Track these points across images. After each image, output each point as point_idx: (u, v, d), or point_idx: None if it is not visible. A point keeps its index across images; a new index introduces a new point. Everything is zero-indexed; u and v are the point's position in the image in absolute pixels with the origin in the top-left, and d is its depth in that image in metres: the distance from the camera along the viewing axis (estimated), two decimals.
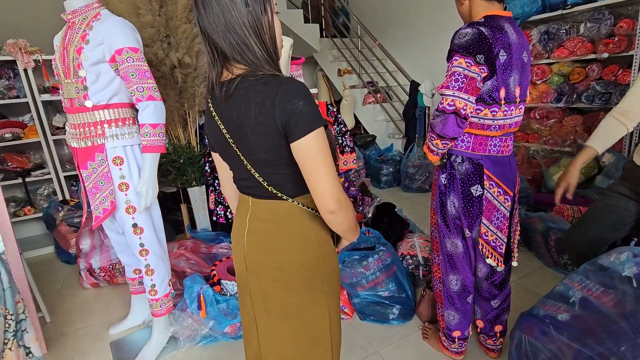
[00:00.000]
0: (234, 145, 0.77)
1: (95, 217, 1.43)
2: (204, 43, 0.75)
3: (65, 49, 1.33)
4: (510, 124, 1.22)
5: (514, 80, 1.16)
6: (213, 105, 0.78)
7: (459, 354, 1.49)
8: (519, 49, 1.15)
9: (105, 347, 1.71)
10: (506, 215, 1.26)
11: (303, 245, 0.82)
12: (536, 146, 3.03)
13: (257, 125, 0.72)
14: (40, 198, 2.94)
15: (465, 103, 1.10)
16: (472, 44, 1.08)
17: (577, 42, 2.64)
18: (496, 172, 1.23)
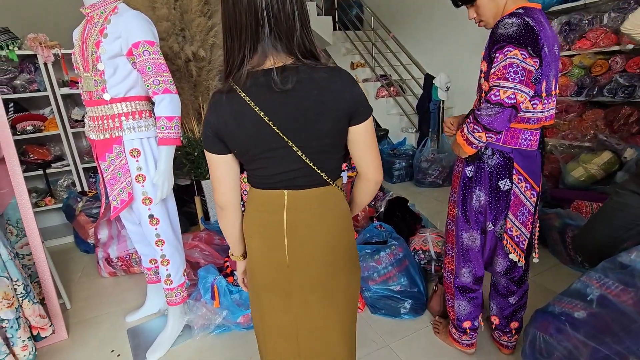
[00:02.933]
0: (285, 137, 0.75)
1: (113, 207, 1.46)
2: (246, 23, 0.71)
3: (84, 42, 1.36)
4: (546, 117, 1.20)
5: (553, 72, 1.15)
6: (253, 98, 0.73)
7: (470, 346, 1.48)
8: (553, 42, 1.13)
9: (123, 334, 1.77)
10: (531, 210, 1.24)
11: (347, 224, 0.87)
12: (554, 141, 2.95)
13: (327, 110, 0.74)
14: (60, 189, 3.03)
15: (525, 97, 1.05)
16: (522, 35, 1.03)
17: (600, 33, 2.55)
18: (525, 167, 1.21)
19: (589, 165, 2.45)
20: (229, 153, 0.80)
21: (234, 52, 0.74)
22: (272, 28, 0.71)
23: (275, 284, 0.85)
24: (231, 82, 0.75)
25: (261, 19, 0.70)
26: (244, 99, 0.73)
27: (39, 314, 1.51)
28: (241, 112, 0.74)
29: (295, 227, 0.81)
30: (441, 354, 1.52)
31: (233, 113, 0.75)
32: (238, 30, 0.72)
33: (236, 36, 0.72)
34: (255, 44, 0.72)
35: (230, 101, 0.74)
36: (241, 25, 0.71)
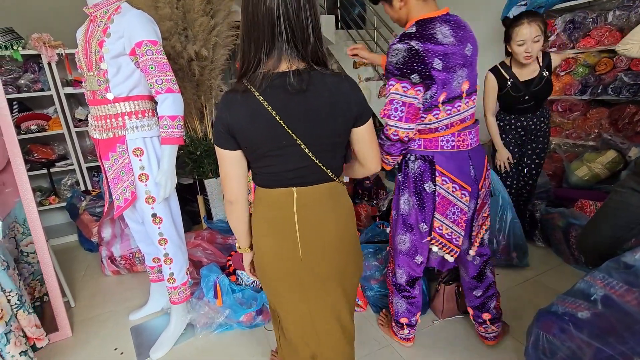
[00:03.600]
0: (294, 135, 0.81)
1: (116, 206, 1.47)
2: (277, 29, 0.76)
3: (88, 42, 1.37)
4: (462, 119, 1.22)
5: (460, 77, 1.16)
6: (267, 99, 0.79)
7: (407, 340, 1.55)
8: (460, 46, 1.15)
9: (126, 332, 1.78)
10: (464, 210, 1.26)
11: (352, 217, 0.96)
12: (558, 140, 2.93)
13: (338, 112, 0.82)
14: (64, 188, 3.05)
15: (407, 132, 1.14)
16: (406, 64, 1.08)
17: (604, 31, 2.53)
18: (450, 168, 1.22)
19: (593, 164, 2.43)
20: (239, 149, 0.85)
21: (250, 54, 0.80)
22: (289, 36, 0.78)
23: (291, 278, 0.90)
24: (246, 83, 0.80)
25: (278, 27, 0.76)
26: (258, 99, 0.79)
27: (34, 324, 1.46)
28: (255, 111, 0.79)
29: (306, 223, 0.86)
30: (443, 353, 1.51)
31: (247, 112, 0.80)
32: (256, 35, 0.78)
33: (254, 40, 0.79)
34: (271, 49, 0.78)
35: (245, 100, 0.80)
36: (259, 30, 0.77)
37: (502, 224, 2.01)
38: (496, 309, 1.50)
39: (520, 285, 1.92)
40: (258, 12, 0.76)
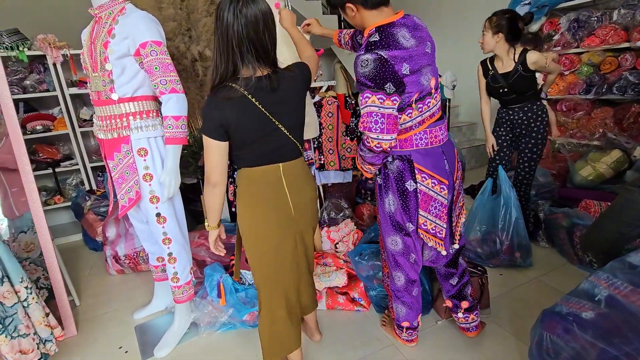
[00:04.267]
0: (277, 122, 1.09)
1: (121, 206, 1.48)
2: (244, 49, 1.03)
3: (93, 43, 1.38)
4: (431, 114, 1.26)
5: (427, 75, 1.20)
6: (255, 97, 1.05)
7: (410, 341, 1.55)
8: (421, 46, 1.18)
9: (131, 331, 1.79)
10: (444, 203, 1.29)
11: (315, 182, 1.30)
12: (562, 140, 2.92)
13: (298, 95, 1.16)
14: (69, 188, 3.07)
15: (390, 142, 1.16)
16: (378, 74, 1.09)
17: (609, 30, 2.52)
18: (427, 164, 1.26)
19: (597, 164, 2.42)
20: (227, 141, 1.07)
21: (221, 67, 1.04)
22: (254, 52, 1.04)
23: (286, 229, 1.18)
24: (237, 87, 1.03)
25: (245, 46, 1.03)
26: (250, 99, 1.04)
27: (18, 350, 1.32)
28: (246, 108, 1.05)
29: (293, 189, 1.16)
30: (447, 353, 1.51)
31: (239, 109, 1.04)
32: (227, 52, 1.03)
33: (227, 56, 1.03)
34: (243, 61, 1.04)
35: (237, 101, 1.03)
36: (230, 48, 1.03)
37: (506, 224, 2.00)
38: (472, 297, 1.53)
39: (523, 285, 1.91)
40: (228, 35, 1.01)
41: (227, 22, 1.00)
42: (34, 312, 1.40)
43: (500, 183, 2.02)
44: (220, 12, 1.02)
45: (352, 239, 2.17)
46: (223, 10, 1.01)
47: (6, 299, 1.28)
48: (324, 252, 2.13)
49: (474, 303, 1.53)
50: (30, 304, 1.39)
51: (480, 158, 4.06)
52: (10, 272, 1.33)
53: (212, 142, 1.05)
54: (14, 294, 1.30)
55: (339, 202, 2.42)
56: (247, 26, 1.01)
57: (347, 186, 2.63)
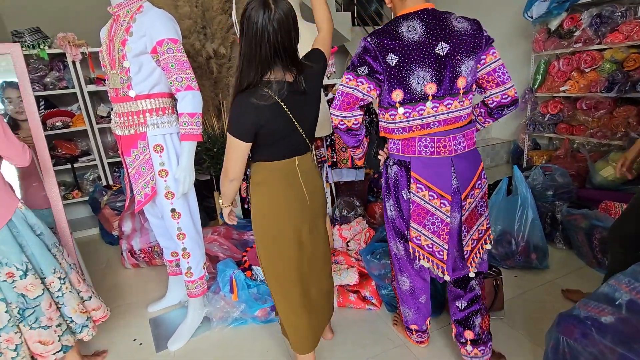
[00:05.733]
0: (297, 123, 1.14)
1: (137, 201, 1.51)
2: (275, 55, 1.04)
3: (111, 41, 1.40)
4: (424, 124, 1.15)
5: (421, 77, 1.10)
6: (285, 103, 1.09)
7: (420, 342, 1.52)
8: (430, 42, 1.09)
9: (145, 324, 1.83)
10: (445, 220, 1.17)
11: (320, 174, 1.36)
12: (581, 139, 2.84)
13: (319, 93, 1.23)
14: (86, 183, 3.15)
15: (353, 119, 1.18)
16: (357, 58, 1.14)
17: (634, 26, 2.43)
18: (426, 174, 1.16)
19: None
20: (252, 141, 1.11)
21: (250, 72, 1.05)
22: (285, 58, 1.06)
23: (302, 214, 1.23)
24: (269, 92, 1.06)
25: (278, 54, 1.04)
26: (281, 105, 1.08)
27: (37, 340, 1.34)
28: (277, 113, 1.09)
29: (306, 178, 1.23)
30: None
31: (272, 114, 1.08)
32: (258, 59, 1.03)
33: (256, 62, 1.04)
34: (272, 67, 1.06)
35: (271, 107, 1.07)
36: (261, 56, 1.03)
37: (522, 224, 1.97)
38: (482, 330, 1.32)
39: (539, 287, 1.87)
40: (258, 41, 1.00)
41: (257, 27, 0.99)
42: (69, 301, 1.42)
43: (517, 183, 1.98)
44: (250, 17, 1.00)
45: (363, 237, 2.16)
46: (253, 16, 0.99)
47: (29, 291, 1.31)
48: (336, 250, 2.13)
49: (483, 337, 1.33)
50: (65, 293, 1.41)
51: (495, 157, 3.99)
52: (41, 264, 1.35)
53: (240, 143, 1.09)
54: (38, 287, 1.33)
55: (351, 200, 2.41)
56: (278, 32, 1.00)
57: (359, 184, 2.62)
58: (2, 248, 1.25)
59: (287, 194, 1.20)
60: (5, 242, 1.26)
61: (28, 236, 1.32)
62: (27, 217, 1.34)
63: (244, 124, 1.06)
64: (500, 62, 1.16)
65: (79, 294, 1.48)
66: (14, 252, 1.28)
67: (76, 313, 1.45)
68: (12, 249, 1.28)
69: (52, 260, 1.38)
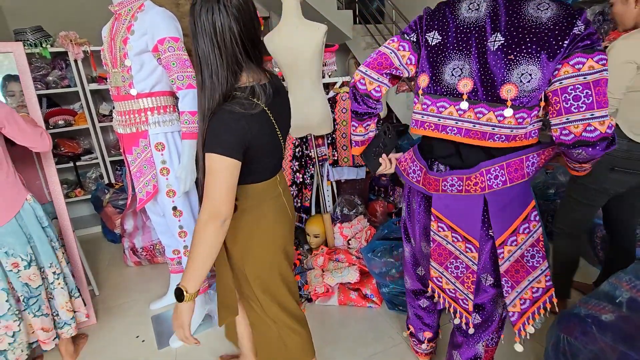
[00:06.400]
0: (280, 135, 0.98)
1: (139, 199, 1.52)
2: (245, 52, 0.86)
3: (113, 39, 1.41)
4: (448, 127, 0.93)
5: (458, 69, 0.89)
6: (270, 110, 0.91)
7: (415, 351, 1.45)
8: (481, 31, 0.86)
9: (147, 321, 1.84)
10: (470, 266, 0.97)
11: None
12: None
13: (289, 107, 1.06)
14: (89, 181, 3.16)
15: (362, 76, 1.04)
16: (413, 22, 1.00)
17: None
18: (449, 213, 0.97)
19: None
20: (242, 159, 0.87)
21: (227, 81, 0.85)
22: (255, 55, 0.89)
23: (290, 232, 1.13)
24: (255, 100, 0.87)
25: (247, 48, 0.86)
26: (268, 113, 0.91)
27: (40, 327, 1.42)
28: (265, 123, 0.91)
29: (287, 196, 1.11)
30: None
31: (260, 125, 0.89)
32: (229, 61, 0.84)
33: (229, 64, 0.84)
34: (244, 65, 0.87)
35: (259, 116, 0.88)
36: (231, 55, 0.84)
37: None
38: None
39: None
40: (225, 41, 0.82)
41: (214, 21, 0.81)
42: (58, 296, 1.49)
43: None
44: (202, 10, 0.81)
45: (365, 235, 2.16)
46: (208, 10, 0.81)
47: (32, 281, 1.37)
48: (337, 248, 2.13)
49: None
50: (56, 288, 1.48)
51: None
52: (42, 256, 1.42)
53: (230, 162, 0.82)
54: (38, 277, 1.39)
55: (352, 199, 2.41)
56: (241, 22, 0.83)
57: (360, 183, 2.62)
58: (10, 240, 1.30)
59: (277, 218, 1.05)
60: (13, 234, 1.31)
61: (34, 228, 1.38)
62: (35, 209, 1.38)
63: (234, 138, 0.83)
64: (580, 80, 0.77)
65: (70, 292, 1.54)
66: (21, 243, 1.33)
67: (63, 309, 1.50)
68: (19, 240, 1.32)
69: (51, 255, 1.44)
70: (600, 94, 0.76)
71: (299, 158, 2.31)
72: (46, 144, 1.40)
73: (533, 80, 0.81)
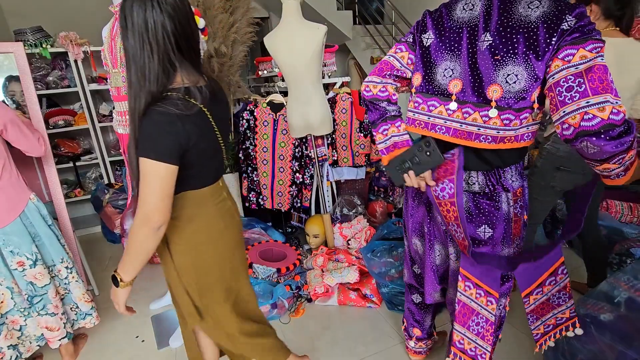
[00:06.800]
0: (220, 138, 0.93)
1: None
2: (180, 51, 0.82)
3: (113, 39, 1.41)
4: (437, 127, 0.95)
5: (450, 70, 0.91)
6: (209, 111, 0.87)
7: (407, 348, 1.45)
8: (473, 31, 0.87)
9: (147, 321, 1.84)
10: (489, 319, 0.98)
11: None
12: None
13: (229, 110, 0.98)
14: (88, 181, 3.17)
15: (366, 84, 1.07)
16: (413, 26, 1.03)
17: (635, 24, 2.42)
18: (477, 272, 0.96)
19: None
20: (178, 164, 0.82)
21: (151, 77, 0.79)
22: (192, 54, 0.85)
23: (240, 239, 1.09)
24: (191, 100, 0.82)
25: (183, 47, 0.82)
26: (206, 113, 0.86)
27: (44, 326, 1.43)
28: (204, 124, 0.86)
29: (232, 199, 1.07)
30: None
31: (199, 126, 0.84)
32: (159, 57, 0.79)
33: (157, 61, 0.79)
34: (178, 65, 0.81)
35: (196, 117, 0.83)
36: (164, 53, 0.79)
37: None
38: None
39: None
40: (158, 38, 0.78)
41: (147, 16, 0.77)
42: (74, 290, 1.52)
43: None
44: (134, 4, 0.77)
45: (364, 235, 2.17)
46: (140, 6, 0.77)
47: (37, 279, 1.38)
48: (336, 249, 2.14)
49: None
50: (71, 282, 1.50)
51: None
52: (51, 253, 1.44)
53: (166, 167, 0.78)
54: (46, 276, 1.40)
55: (351, 199, 2.42)
56: (176, 19, 0.79)
57: (360, 183, 2.62)
58: (15, 239, 1.32)
59: (227, 223, 1.01)
60: (17, 233, 1.32)
61: (40, 227, 1.40)
62: (40, 208, 1.39)
63: (169, 142, 0.78)
64: (571, 71, 0.75)
65: (83, 283, 1.56)
66: (25, 242, 1.34)
67: (81, 301, 1.53)
68: (24, 239, 1.34)
69: (61, 250, 1.47)
70: (595, 80, 0.72)
71: (298, 158, 2.32)
72: (42, 150, 1.41)
73: (519, 82, 0.82)
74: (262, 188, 2.42)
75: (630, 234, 1.91)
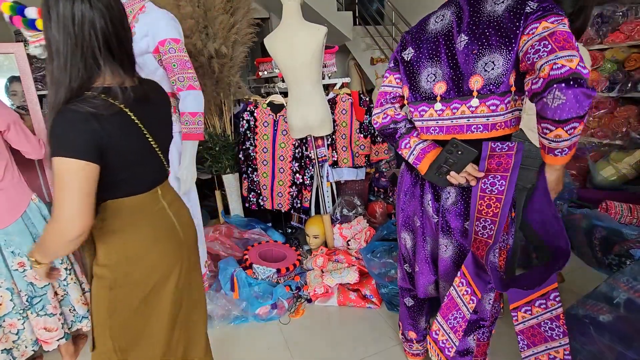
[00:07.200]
0: (153, 142, 0.86)
1: None
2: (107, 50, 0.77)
3: None
4: (431, 128, 1.02)
5: (432, 75, 0.98)
6: (134, 112, 0.80)
7: (404, 350, 1.47)
8: (448, 36, 0.95)
9: None
10: (466, 317, 1.02)
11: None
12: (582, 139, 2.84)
13: (169, 113, 0.96)
14: None
15: (373, 118, 1.16)
16: (396, 48, 1.10)
17: (635, 26, 2.43)
18: (472, 271, 0.99)
19: (620, 164, 2.35)
20: (99, 164, 0.74)
21: (70, 73, 0.74)
22: (121, 54, 0.80)
23: (176, 260, 0.93)
24: (111, 100, 0.77)
25: (110, 46, 0.77)
26: (129, 114, 0.80)
27: (42, 327, 1.42)
28: (126, 125, 0.79)
29: (176, 210, 0.95)
30: None
31: (119, 128, 0.77)
32: (83, 52, 0.74)
33: (80, 56, 0.75)
34: (103, 64, 0.77)
35: (115, 118, 0.77)
36: (90, 51, 0.75)
37: None
38: None
39: None
40: (84, 32, 0.74)
41: (74, 7, 0.73)
42: (72, 292, 1.51)
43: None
44: (62, 1, 0.73)
45: (364, 236, 2.17)
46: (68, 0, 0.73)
47: (37, 280, 1.39)
48: (336, 249, 2.14)
49: None
50: (69, 284, 1.50)
51: None
52: None
53: (78, 163, 0.70)
54: None
55: (351, 200, 2.42)
56: (107, 17, 0.76)
57: (360, 183, 2.62)
58: (16, 239, 1.32)
59: (158, 235, 0.89)
60: (19, 234, 1.33)
61: (41, 227, 1.40)
62: (41, 209, 1.40)
63: (82, 139, 0.71)
64: (536, 39, 0.80)
65: (81, 285, 1.56)
66: (26, 242, 1.35)
67: (78, 304, 1.53)
68: (25, 239, 1.34)
69: None
70: (560, 40, 0.77)
71: (298, 159, 2.32)
72: (42, 152, 1.42)
73: (496, 68, 0.88)
74: (262, 188, 2.42)
75: (630, 235, 1.91)
